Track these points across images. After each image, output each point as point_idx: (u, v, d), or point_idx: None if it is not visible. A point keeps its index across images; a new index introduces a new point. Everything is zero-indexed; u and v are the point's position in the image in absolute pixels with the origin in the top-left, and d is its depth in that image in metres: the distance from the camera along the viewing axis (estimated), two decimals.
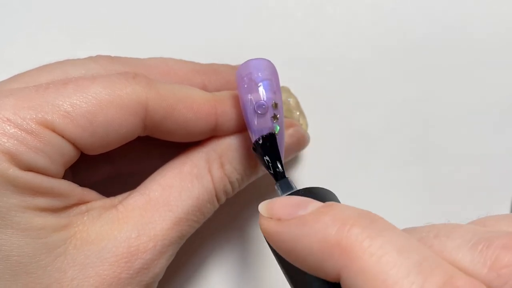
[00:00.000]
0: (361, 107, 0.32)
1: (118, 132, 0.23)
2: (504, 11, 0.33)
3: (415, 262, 0.16)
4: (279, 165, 0.24)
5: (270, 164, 0.24)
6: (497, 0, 0.33)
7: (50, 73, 0.24)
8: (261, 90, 0.24)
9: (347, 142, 0.32)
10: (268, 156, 0.24)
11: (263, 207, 0.20)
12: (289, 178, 0.24)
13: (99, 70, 0.25)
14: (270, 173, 0.24)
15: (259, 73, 0.25)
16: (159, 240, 0.24)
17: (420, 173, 0.32)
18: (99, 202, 0.24)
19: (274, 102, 0.24)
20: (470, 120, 0.32)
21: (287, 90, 0.30)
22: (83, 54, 0.26)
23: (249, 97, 0.24)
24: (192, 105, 0.24)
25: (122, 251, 0.23)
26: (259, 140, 0.24)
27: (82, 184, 0.24)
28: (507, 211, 0.31)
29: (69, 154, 0.23)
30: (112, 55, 0.26)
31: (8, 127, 0.21)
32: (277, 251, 0.19)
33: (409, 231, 0.19)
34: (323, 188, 0.22)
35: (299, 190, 0.22)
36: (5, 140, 0.21)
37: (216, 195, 0.25)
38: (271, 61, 0.26)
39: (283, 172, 0.24)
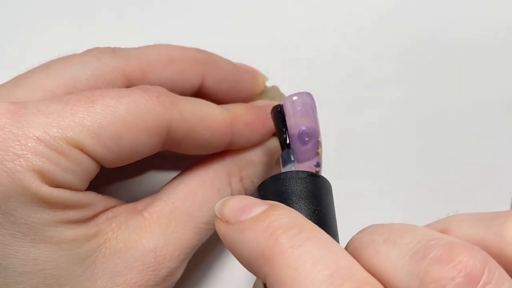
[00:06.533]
0: (360, 107, 0.32)
1: (140, 151, 0.24)
2: (504, 11, 0.33)
3: (327, 274, 0.17)
4: (285, 135, 0.25)
5: (280, 131, 0.25)
6: (497, 0, 0.33)
7: (57, 78, 0.24)
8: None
9: (347, 142, 0.32)
10: (282, 123, 0.25)
11: (217, 206, 0.21)
12: (291, 150, 0.24)
13: (104, 69, 0.25)
14: (279, 140, 0.25)
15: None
16: (183, 249, 0.25)
17: (420, 173, 0.32)
18: (122, 207, 0.25)
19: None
20: (470, 120, 0.32)
21: (277, 90, 0.30)
22: (80, 46, 0.26)
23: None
24: (211, 125, 0.25)
25: (149, 260, 0.24)
26: (277, 107, 0.25)
27: None
28: None
29: (94, 171, 0.23)
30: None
31: (39, 147, 0.21)
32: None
33: (370, 232, 0.19)
34: (313, 175, 0.23)
35: (282, 174, 0.23)
36: (37, 159, 0.21)
37: None
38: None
39: (288, 144, 0.25)
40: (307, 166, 0.25)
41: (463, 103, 0.32)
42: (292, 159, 0.24)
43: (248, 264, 0.19)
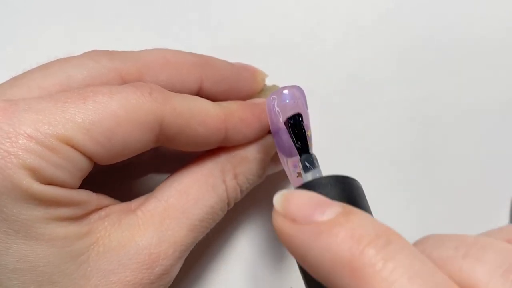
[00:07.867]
0: (360, 107, 0.32)
1: (133, 147, 0.24)
2: (504, 11, 0.33)
3: None
4: (303, 141, 0.25)
5: (295, 139, 0.25)
6: (497, 0, 0.33)
7: (53, 77, 0.24)
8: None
9: (347, 142, 0.32)
10: (296, 131, 0.25)
11: (278, 201, 0.19)
12: (313, 155, 0.24)
13: (100, 70, 0.25)
14: (296, 147, 0.25)
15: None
16: (178, 246, 0.24)
17: (420, 173, 0.32)
18: (116, 206, 0.25)
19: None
20: (470, 120, 0.32)
21: (276, 89, 0.30)
22: (79, 47, 0.26)
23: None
24: (205, 120, 0.25)
25: (143, 258, 0.23)
26: (290, 119, 0.25)
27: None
28: (507, 211, 0.31)
29: (86, 168, 0.23)
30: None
31: (30, 144, 0.21)
32: (289, 252, 0.19)
33: (436, 244, 0.19)
34: (347, 178, 0.22)
35: (321, 178, 0.22)
36: (28, 156, 0.21)
37: (228, 203, 0.26)
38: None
39: (307, 148, 0.25)
40: (297, 159, 0.25)
41: (463, 103, 0.32)
42: (316, 164, 0.24)
43: (324, 271, 0.17)
